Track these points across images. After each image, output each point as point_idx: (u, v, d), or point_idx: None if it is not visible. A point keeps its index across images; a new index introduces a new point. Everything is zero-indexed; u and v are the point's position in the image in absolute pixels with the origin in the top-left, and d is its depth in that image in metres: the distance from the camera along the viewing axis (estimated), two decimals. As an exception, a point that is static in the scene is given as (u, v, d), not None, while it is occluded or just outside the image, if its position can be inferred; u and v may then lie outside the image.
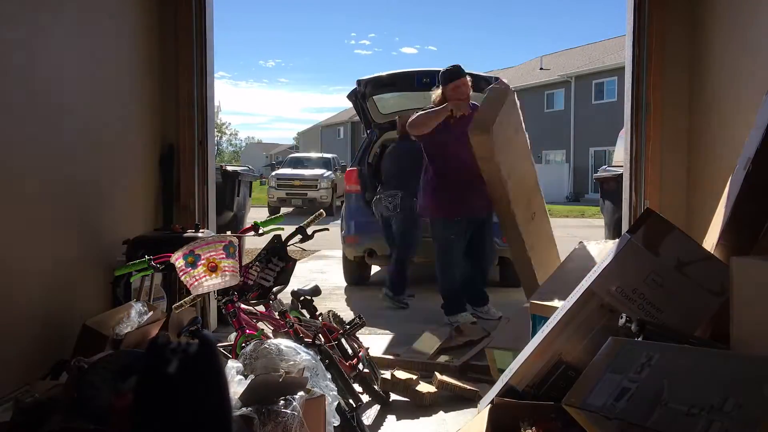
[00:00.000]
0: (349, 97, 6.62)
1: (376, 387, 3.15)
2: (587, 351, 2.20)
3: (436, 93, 4.74)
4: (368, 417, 2.97)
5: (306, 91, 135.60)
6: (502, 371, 2.74)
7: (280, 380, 2.12)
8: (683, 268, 2.28)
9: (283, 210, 16.13)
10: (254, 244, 4.21)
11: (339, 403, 2.39)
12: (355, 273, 6.57)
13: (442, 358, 3.77)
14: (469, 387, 3.27)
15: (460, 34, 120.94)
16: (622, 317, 2.19)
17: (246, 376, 2.15)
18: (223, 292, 2.77)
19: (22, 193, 2.95)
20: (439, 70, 5.56)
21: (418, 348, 3.92)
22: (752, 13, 3.44)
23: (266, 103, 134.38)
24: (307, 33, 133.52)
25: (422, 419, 3.04)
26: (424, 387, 3.21)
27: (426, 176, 4.80)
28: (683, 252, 2.30)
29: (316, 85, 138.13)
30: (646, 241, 2.30)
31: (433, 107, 4.65)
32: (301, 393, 2.08)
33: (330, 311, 3.52)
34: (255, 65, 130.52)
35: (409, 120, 4.70)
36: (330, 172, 17.42)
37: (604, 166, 6.00)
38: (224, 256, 2.69)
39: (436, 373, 3.37)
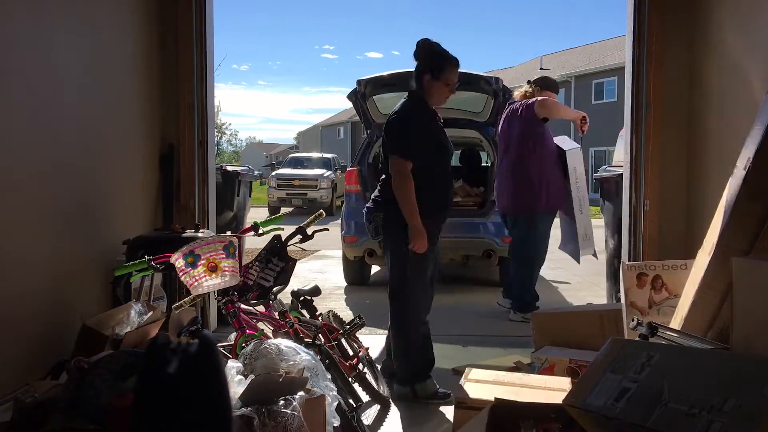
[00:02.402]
0: (349, 97, 6.62)
1: (375, 387, 3.16)
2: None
3: (526, 89, 5.06)
4: (368, 417, 2.97)
5: (288, 92, 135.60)
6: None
7: (280, 380, 2.12)
8: None
9: (283, 210, 16.12)
10: (254, 244, 4.21)
11: (339, 403, 2.39)
12: (355, 273, 6.57)
13: None
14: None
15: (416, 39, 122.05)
16: (633, 320, 2.19)
17: (246, 376, 2.15)
18: (223, 292, 2.77)
19: (21, 193, 2.95)
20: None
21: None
22: (752, 12, 3.44)
23: (253, 104, 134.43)
24: (273, 37, 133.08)
25: (422, 419, 3.04)
26: None
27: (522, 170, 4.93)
28: None
29: (297, 87, 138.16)
30: None
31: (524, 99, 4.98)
32: (301, 393, 2.08)
33: (330, 311, 3.52)
34: (229, 68, 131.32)
35: (544, 100, 4.87)
36: (330, 172, 17.41)
37: (604, 166, 5.99)
38: (224, 256, 2.69)
39: None
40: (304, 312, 3.26)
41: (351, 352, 3.19)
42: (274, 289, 2.95)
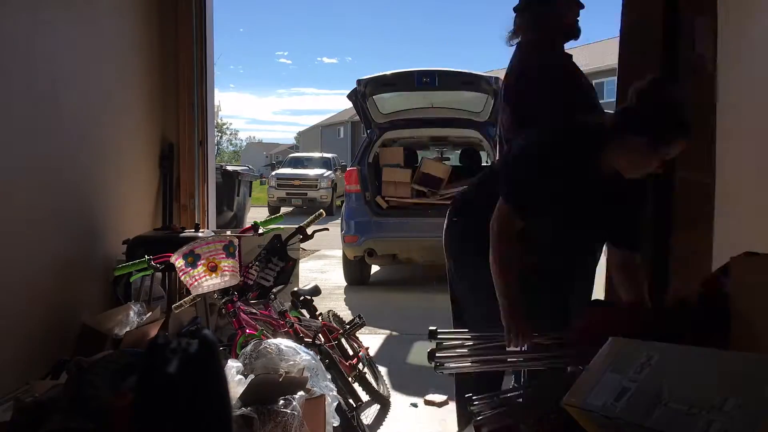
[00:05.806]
0: (350, 96, 6.62)
1: (375, 387, 3.16)
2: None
3: None
4: (368, 417, 2.97)
5: (263, 95, 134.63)
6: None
7: (280, 380, 2.13)
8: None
9: (283, 210, 16.12)
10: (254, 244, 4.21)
11: (339, 403, 2.39)
12: (355, 273, 6.57)
13: None
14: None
15: (375, 46, 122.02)
16: None
17: (246, 376, 2.15)
18: (223, 292, 2.77)
19: (22, 193, 2.95)
20: (438, 70, 5.52)
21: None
22: (752, 13, 3.44)
23: (236, 106, 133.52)
24: (226, 41, 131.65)
25: (422, 419, 3.04)
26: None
27: None
28: None
29: (271, 90, 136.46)
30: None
31: None
32: (301, 393, 2.08)
33: (330, 311, 3.52)
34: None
35: None
36: (330, 172, 17.39)
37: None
38: (224, 256, 2.69)
39: None
40: (304, 312, 3.26)
41: (351, 352, 3.19)
42: (274, 289, 2.96)
